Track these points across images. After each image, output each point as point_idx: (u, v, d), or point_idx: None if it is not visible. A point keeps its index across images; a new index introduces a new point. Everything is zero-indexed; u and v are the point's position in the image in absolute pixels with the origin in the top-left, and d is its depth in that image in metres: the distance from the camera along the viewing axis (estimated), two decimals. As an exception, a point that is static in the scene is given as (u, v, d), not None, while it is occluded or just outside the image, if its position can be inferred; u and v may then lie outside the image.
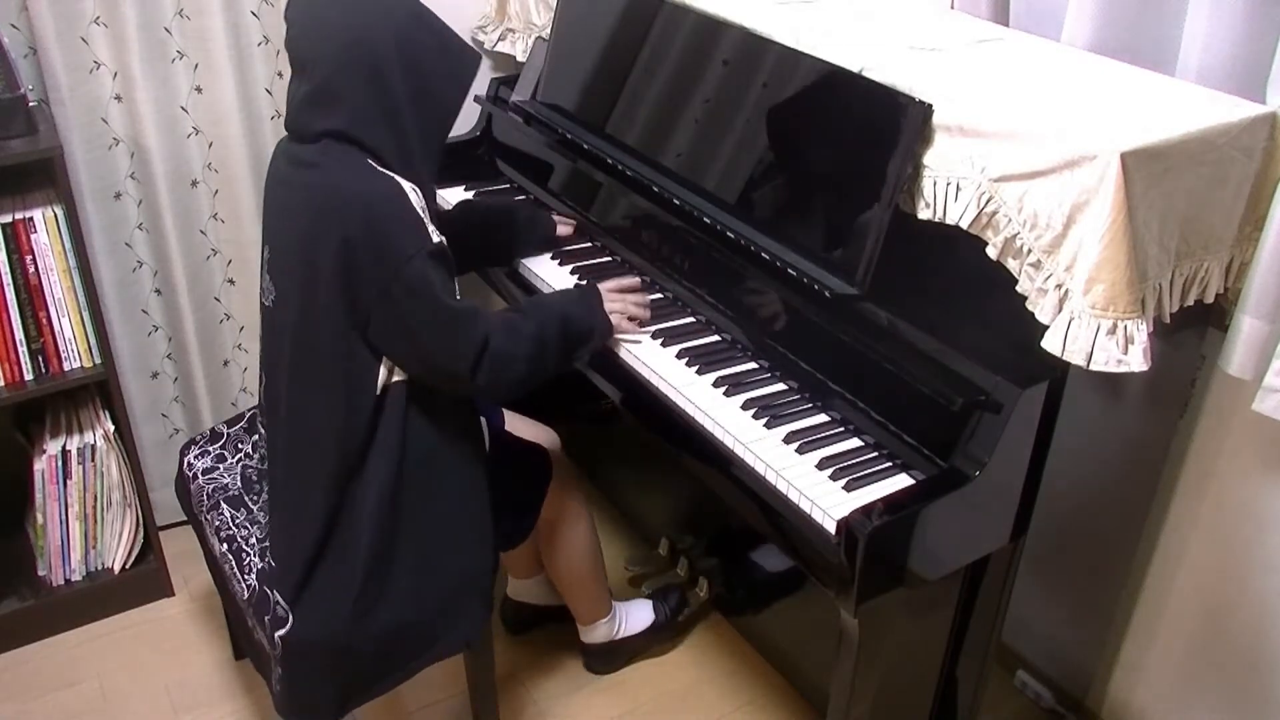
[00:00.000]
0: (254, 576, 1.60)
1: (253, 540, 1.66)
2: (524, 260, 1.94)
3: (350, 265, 1.40)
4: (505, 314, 1.56)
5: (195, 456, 1.85)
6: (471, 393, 1.54)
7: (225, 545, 1.67)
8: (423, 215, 1.43)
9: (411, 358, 1.48)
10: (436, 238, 1.43)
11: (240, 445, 1.85)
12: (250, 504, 1.74)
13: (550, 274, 1.89)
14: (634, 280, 1.80)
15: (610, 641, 2.06)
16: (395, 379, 1.49)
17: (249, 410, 1.91)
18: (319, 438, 1.50)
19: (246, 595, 1.59)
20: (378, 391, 1.48)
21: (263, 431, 1.76)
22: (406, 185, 1.43)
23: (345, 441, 1.49)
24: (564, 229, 1.98)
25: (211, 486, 1.78)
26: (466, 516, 1.60)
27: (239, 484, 1.78)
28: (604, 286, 1.70)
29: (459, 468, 1.58)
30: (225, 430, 1.89)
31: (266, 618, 1.54)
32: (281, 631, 1.51)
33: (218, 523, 1.71)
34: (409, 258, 1.39)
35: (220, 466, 1.82)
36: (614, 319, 1.66)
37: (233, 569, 1.64)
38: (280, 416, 1.56)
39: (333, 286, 1.42)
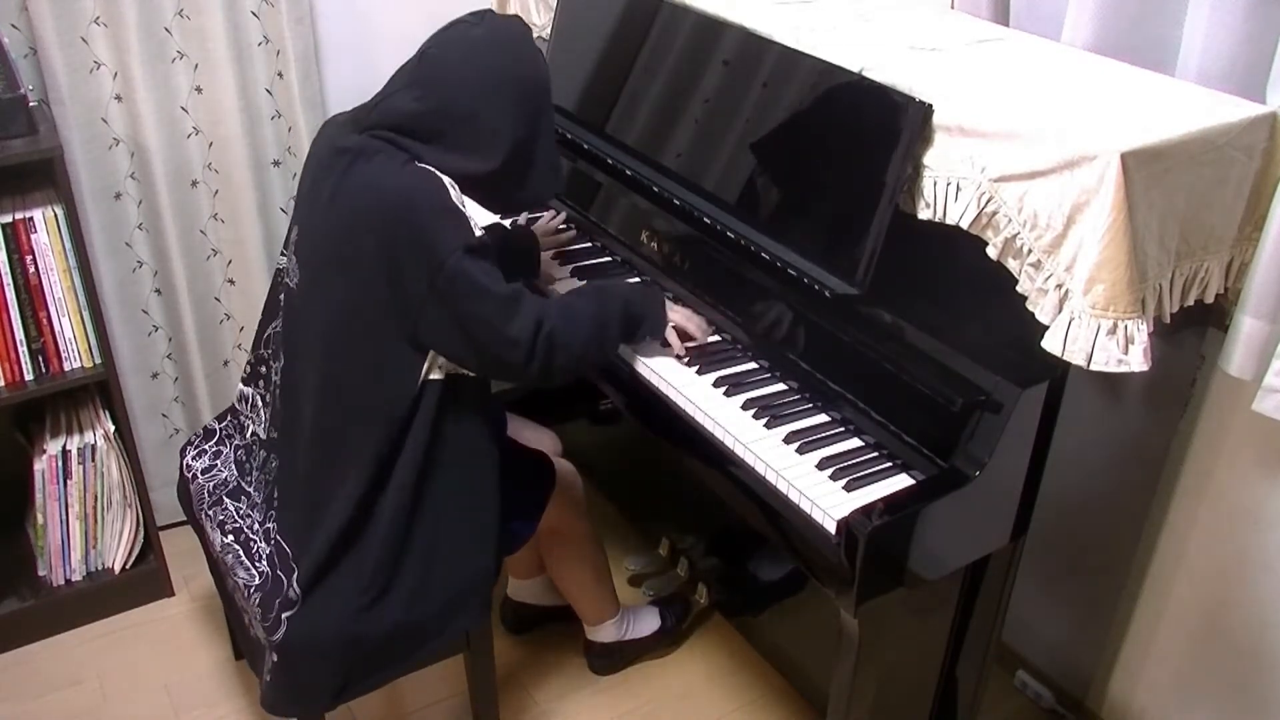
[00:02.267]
0: (265, 563, 1.59)
1: (256, 526, 1.66)
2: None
3: (394, 264, 1.41)
4: (563, 297, 1.57)
5: (193, 458, 1.84)
6: (524, 378, 1.53)
7: (231, 537, 1.66)
8: (462, 207, 1.42)
9: (465, 349, 1.47)
10: (479, 230, 1.43)
11: (232, 437, 1.85)
12: (246, 486, 1.73)
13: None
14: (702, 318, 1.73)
15: (618, 641, 2.06)
16: (433, 376, 1.49)
17: (236, 401, 1.89)
18: (354, 429, 1.50)
19: (258, 581, 1.58)
20: (416, 387, 1.48)
21: (260, 405, 1.74)
22: (445, 179, 1.43)
23: (380, 434, 1.49)
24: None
25: (212, 484, 1.78)
26: (478, 519, 1.60)
27: (235, 472, 1.78)
28: (674, 305, 1.70)
29: (479, 471, 1.59)
30: (217, 426, 1.88)
31: (277, 600, 1.53)
32: (289, 613, 1.52)
33: (221, 517, 1.71)
34: (451, 251, 1.40)
35: (217, 463, 1.81)
36: (672, 315, 1.65)
37: (239, 558, 1.63)
38: (306, 402, 1.55)
39: (377, 285, 1.42)
